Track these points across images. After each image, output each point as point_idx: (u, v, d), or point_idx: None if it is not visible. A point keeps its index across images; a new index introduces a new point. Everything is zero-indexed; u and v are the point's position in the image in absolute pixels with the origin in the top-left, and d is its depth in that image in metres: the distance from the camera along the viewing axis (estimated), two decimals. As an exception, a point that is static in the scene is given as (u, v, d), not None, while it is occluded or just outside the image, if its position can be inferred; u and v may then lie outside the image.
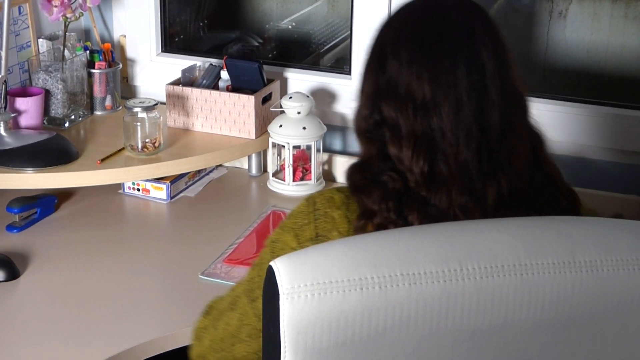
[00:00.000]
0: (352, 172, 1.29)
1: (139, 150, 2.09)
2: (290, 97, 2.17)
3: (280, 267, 1.00)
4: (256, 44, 2.60)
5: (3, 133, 2.05)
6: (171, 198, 2.16)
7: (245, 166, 2.33)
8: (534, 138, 1.29)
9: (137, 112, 2.08)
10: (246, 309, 1.32)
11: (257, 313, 1.29)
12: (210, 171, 2.30)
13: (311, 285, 0.98)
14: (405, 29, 1.27)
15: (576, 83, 2.35)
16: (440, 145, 1.21)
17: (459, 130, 1.21)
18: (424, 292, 1.00)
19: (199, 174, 2.26)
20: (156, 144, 2.11)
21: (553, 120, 2.12)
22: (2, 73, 2.00)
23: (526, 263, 1.05)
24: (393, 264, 1.00)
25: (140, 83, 2.47)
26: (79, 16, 2.25)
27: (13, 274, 1.79)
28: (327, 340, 0.98)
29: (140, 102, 2.10)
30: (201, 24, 2.65)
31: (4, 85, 2.02)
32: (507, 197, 1.23)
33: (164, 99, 2.30)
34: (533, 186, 1.26)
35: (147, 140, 2.10)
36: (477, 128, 1.22)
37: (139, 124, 2.09)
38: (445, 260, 1.02)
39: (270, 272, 1.01)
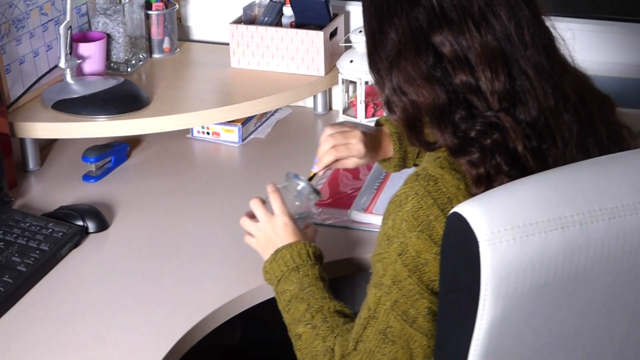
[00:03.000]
0: (440, 126, 1.18)
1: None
2: (361, 31, 2.10)
3: (474, 213, 0.95)
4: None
5: (70, 81, 1.98)
6: (242, 140, 2.11)
7: (309, 105, 2.27)
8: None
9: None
10: (409, 333, 1.19)
11: (424, 331, 1.19)
12: (276, 111, 2.24)
13: (511, 229, 0.94)
14: None
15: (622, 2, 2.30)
16: (512, 54, 1.16)
17: (524, 31, 1.16)
18: (623, 225, 0.97)
19: (265, 115, 2.20)
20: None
21: (603, 42, 2.08)
22: (68, 17, 1.91)
23: None
24: (590, 199, 0.97)
25: (193, 23, 2.39)
26: (133, -44, 2.17)
27: (103, 225, 1.74)
28: (529, 284, 0.95)
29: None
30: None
31: (69, 31, 1.93)
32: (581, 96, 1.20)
33: (219, 39, 2.23)
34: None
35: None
36: (535, 25, 1.17)
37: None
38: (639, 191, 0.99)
39: (460, 220, 0.96)
